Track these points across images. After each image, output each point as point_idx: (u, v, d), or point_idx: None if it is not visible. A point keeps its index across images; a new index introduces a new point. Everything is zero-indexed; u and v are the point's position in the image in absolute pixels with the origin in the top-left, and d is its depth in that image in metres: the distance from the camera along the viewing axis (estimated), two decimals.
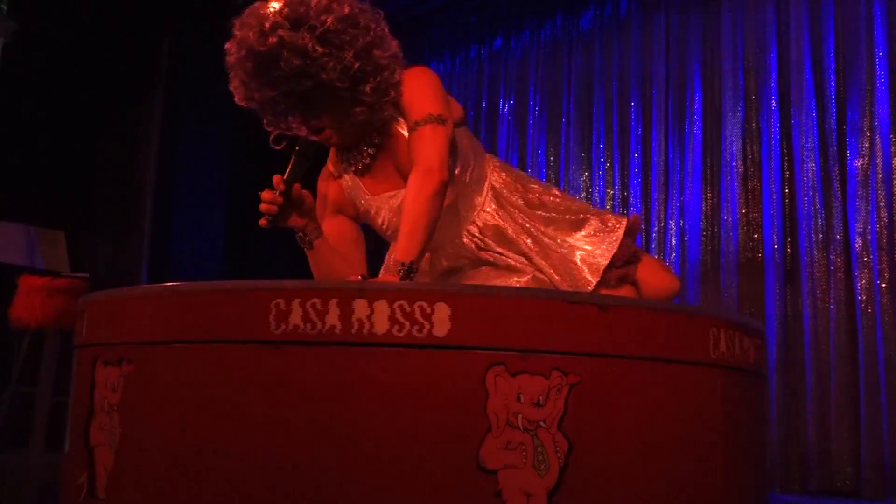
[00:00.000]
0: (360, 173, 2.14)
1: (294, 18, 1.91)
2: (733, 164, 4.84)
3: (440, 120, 1.97)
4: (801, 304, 4.51)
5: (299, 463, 1.42)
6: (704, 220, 4.94)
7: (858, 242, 4.35)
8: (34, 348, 4.56)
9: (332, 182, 2.21)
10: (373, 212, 2.14)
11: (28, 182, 5.55)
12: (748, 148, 4.84)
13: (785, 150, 4.73)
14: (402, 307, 1.43)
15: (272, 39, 1.90)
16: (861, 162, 4.41)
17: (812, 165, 4.57)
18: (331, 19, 1.91)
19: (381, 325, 1.43)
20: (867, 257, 4.31)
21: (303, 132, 2.11)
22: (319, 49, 1.90)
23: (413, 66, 2.10)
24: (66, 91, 5.80)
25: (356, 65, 1.94)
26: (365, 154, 2.11)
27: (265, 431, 1.44)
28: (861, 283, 4.31)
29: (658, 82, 5.25)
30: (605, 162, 5.43)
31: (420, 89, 2.03)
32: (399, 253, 1.86)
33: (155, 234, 5.79)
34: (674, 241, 5.01)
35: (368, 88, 1.98)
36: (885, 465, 4.08)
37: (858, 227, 4.36)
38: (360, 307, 1.43)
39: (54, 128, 5.77)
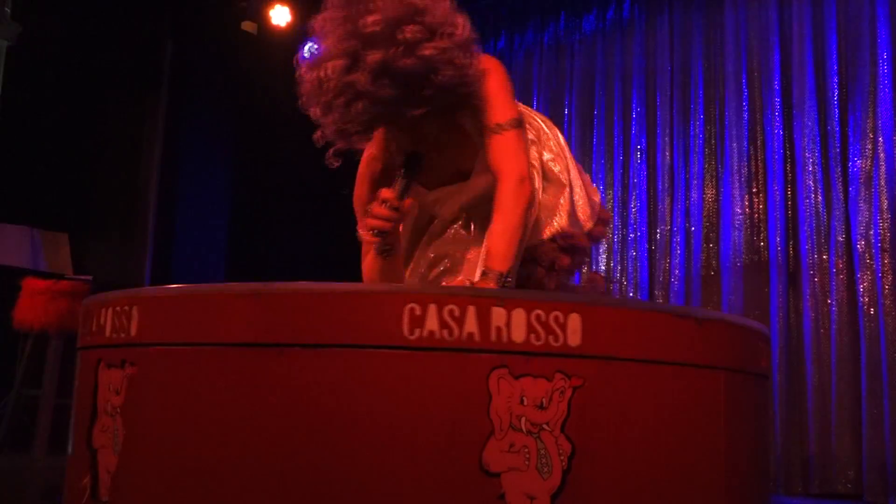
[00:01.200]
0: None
1: (429, 28, 1.76)
2: (736, 165, 4.84)
3: (520, 123, 1.90)
4: (803, 305, 4.51)
5: (306, 466, 1.42)
6: (708, 222, 4.94)
7: (861, 244, 4.34)
8: (37, 351, 4.57)
9: (379, 171, 2.08)
10: (433, 202, 2.06)
11: (32, 184, 5.57)
12: (751, 149, 4.84)
13: (788, 152, 4.73)
14: (538, 316, 1.44)
15: (425, 52, 1.72)
16: (864, 164, 4.41)
17: (814, 168, 4.57)
18: (462, 22, 1.81)
19: (518, 334, 1.44)
20: (870, 259, 4.31)
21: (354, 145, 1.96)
22: (461, 57, 1.78)
23: (483, 57, 1.96)
24: (69, 93, 5.81)
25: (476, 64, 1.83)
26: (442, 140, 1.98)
27: (301, 434, 1.43)
28: (863, 286, 4.30)
29: (661, 84, 5.25)
30: (607, 164, 5.42)
31: (501, 87, 1.94)
32: (496, 262, 1.80)
33: (158, 236, 5.80)
34: (679, 244, 5.01)
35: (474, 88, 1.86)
36: (887, 468, 4.07)
37: (861, 228, 4.35)
38: (498, 315, 1.44)
39: (58, 130, 5.78)
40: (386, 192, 1.85)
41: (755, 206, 4.78)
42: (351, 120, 1.79)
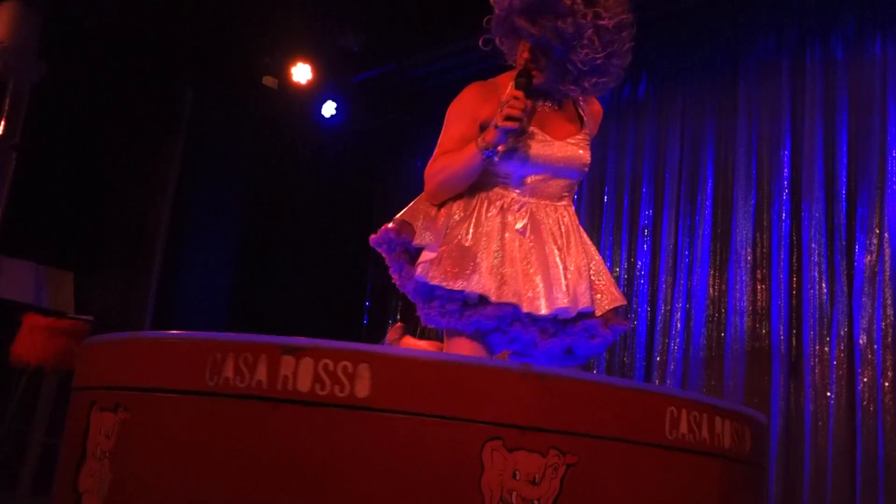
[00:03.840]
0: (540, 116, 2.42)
1: (619, 24, 2.24)
2: (742, 252, 4.85)
3: None
4: (804, 396, 4.47)
5: None
6: (711, 306, 4.93)
7: (863, 339, 4.33)
8: (31, 387, 4.54)
9: (489, 103, 2.38)
10: (539, 144, 2.36)
11: (42, 220, 5.59)
12: (758, 237, 4.86)
13: (794, 241, 4.74)
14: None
15: (615, 22, 2.23)
16: (869, 258, 4.42)
17: (819, 259, 4.57)
18: (608, 22, 2.25)
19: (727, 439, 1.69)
20: (871, 355, 4.29)
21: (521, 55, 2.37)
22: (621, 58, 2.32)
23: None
24: (87, 133, 5.87)
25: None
26: (548, 105, 2.43)
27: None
28: (864, 381, 4.27)
29: (672, 166, 5.30)
30: (614, 239, 5.45)
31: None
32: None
33: (162, 281, 5.81)
34: (679, 325, 5.00)
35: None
36: None
37: (864, 323, 4.34)
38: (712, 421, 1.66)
39: (73, 169, 5.83)
40: (514, 91, 2.24)
41: (759, 292, 4.77)
42: (554, 31, 2.24)
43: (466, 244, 2.27)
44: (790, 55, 4.98)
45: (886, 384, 4.19)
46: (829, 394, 4.38)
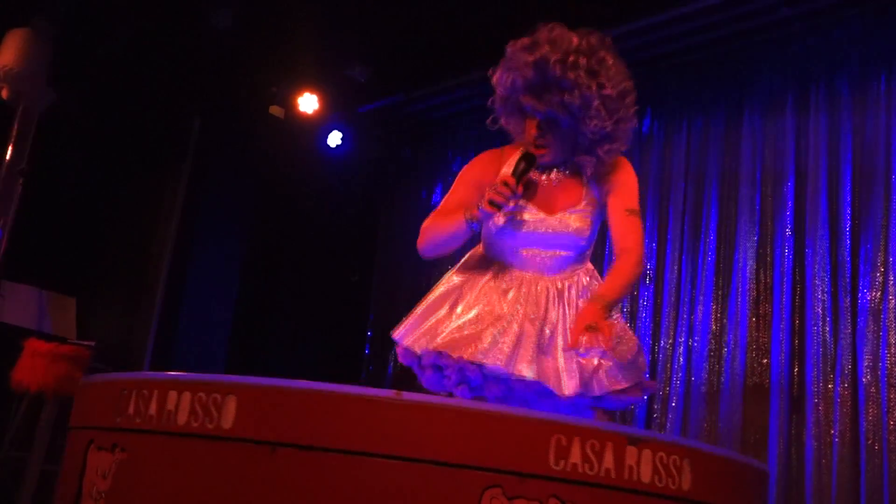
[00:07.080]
0: (537, 188, 2.45)
1: (590, 69, 2.24)
2: (745, 287, 4.84)
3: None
4: (805, 434, 4.43)
5: None
6: (713, 341, 4.91)
7: (867, 376, 4.30)
8: (31, 413, 4.52)
9: (493, 170, 2.46)
10: (529, 221, 2.38)
11: (46, 246, 5.60)
12: (761, 272, 4.85)
13: (797, 278, 4.73)
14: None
15: (571, 74, 2.23)
16: (873, 296, 4.40)
17: (823, 296, 4.56)
18: (612, 92, 2.29)
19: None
20: (875, 392, 4.26)
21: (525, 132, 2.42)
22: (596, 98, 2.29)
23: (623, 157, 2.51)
24: (94, 161, 5.90)
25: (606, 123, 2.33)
26: (555, 175, 2.44)
27: None
28: (868, 419, 4.24)
29: (675, 200, 5.30)
30: None
31: (634, 182, 2.48)
32: (608, 295, 2.24)
33: (164, 310, 5.80)
34: (681, 360, 4.97)
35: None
36: None
37: (868, 361, 4.32)
38: None
39: (79, 195, 5.85)
40: (507, 176, 2.28)
41: (761, 328, 4.75)
42: (561, 106, 2.27)
43: (442, 311, 2.35)
44: (795, 92, 4.99)
45: (892, 423, 4.16)
46: (832, 432, 4.35)
